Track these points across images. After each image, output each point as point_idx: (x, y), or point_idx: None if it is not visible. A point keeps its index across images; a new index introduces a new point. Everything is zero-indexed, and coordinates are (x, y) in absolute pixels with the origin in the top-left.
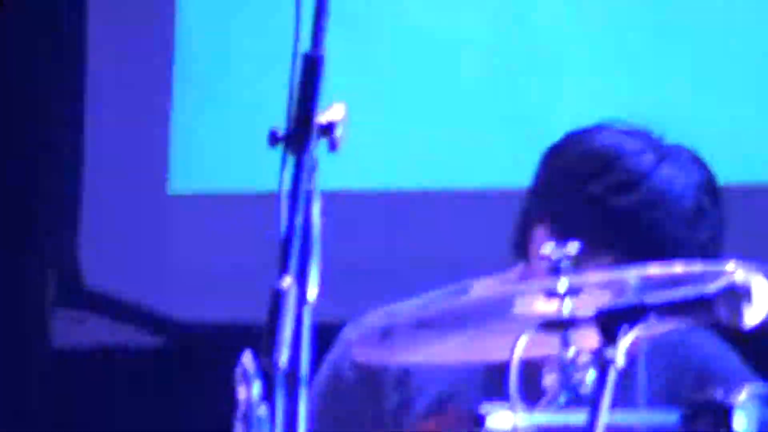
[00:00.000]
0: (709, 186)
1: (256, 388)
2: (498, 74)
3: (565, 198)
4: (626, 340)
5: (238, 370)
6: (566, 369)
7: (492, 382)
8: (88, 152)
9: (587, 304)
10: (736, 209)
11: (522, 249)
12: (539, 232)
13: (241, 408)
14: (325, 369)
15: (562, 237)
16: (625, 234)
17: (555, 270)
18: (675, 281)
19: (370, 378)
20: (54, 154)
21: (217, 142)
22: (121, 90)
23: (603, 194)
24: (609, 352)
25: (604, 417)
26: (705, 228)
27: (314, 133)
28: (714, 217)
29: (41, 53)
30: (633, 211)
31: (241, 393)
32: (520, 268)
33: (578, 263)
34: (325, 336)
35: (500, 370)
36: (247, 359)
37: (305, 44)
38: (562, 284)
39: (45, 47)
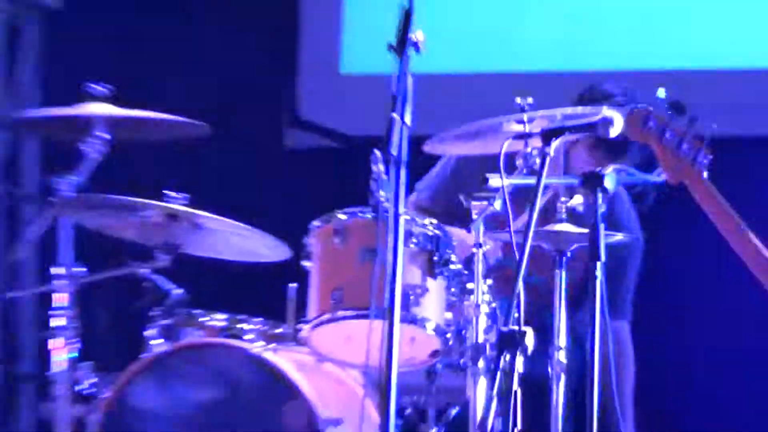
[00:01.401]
0: None
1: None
2: None
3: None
4: (555, 143)
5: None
6: (527, 157)
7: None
8: None
9: (537, 127)
10: None
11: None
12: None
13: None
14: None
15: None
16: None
17: (521, 110)
18: (578, 117)
19: None
20: None
21: None
22: None
23: None
24: (546, 149)
25: (544, 181)
26: None
27: None
28: None
29: None
30: None
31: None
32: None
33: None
34: None
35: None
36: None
37: None
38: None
39: None
